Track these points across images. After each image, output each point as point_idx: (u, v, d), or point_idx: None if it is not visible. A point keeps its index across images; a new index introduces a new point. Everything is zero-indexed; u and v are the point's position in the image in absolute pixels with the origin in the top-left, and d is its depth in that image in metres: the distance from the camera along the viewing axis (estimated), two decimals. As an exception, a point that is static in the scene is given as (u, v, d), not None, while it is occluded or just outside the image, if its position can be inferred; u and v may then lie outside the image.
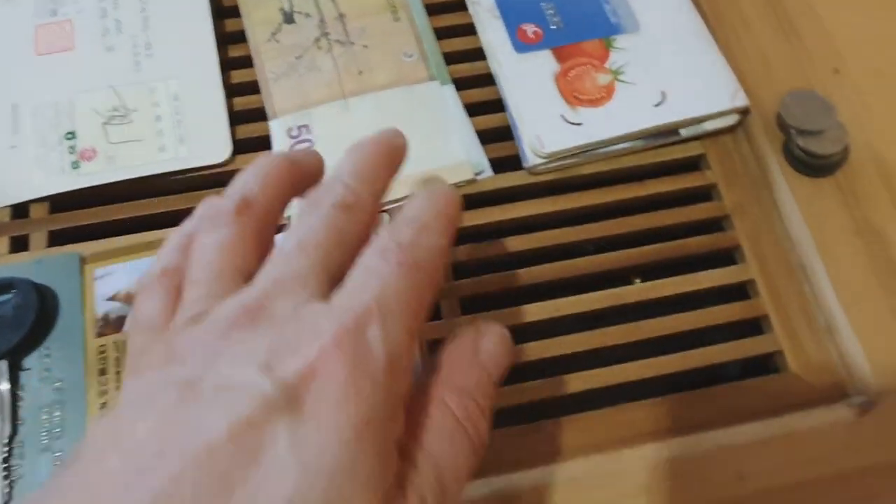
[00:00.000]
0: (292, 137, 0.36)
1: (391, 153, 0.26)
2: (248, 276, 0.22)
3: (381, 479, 0.18)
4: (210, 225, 0.23)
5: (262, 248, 0.23)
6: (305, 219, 0.23)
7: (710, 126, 0.37)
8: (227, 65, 0.39)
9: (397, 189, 0.33)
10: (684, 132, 0.37)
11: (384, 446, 0.19)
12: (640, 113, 0.36)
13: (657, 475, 0.30)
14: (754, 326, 0.34)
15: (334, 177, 0.25)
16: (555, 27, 0.38)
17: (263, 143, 0.37)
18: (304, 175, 0.25)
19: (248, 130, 0.37)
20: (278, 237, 0.24)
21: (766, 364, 0.34)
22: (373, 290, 0.20)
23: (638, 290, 0.34)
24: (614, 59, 0.38)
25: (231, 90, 0.38)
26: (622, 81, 0.37)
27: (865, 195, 0.35)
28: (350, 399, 0.18)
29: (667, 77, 0.37)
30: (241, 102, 0.38)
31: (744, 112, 0.37)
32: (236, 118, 0.37)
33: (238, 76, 0.39)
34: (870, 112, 0.37)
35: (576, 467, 0.30)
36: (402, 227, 0.22)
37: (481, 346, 0.23)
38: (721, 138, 0.38)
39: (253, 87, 0.38)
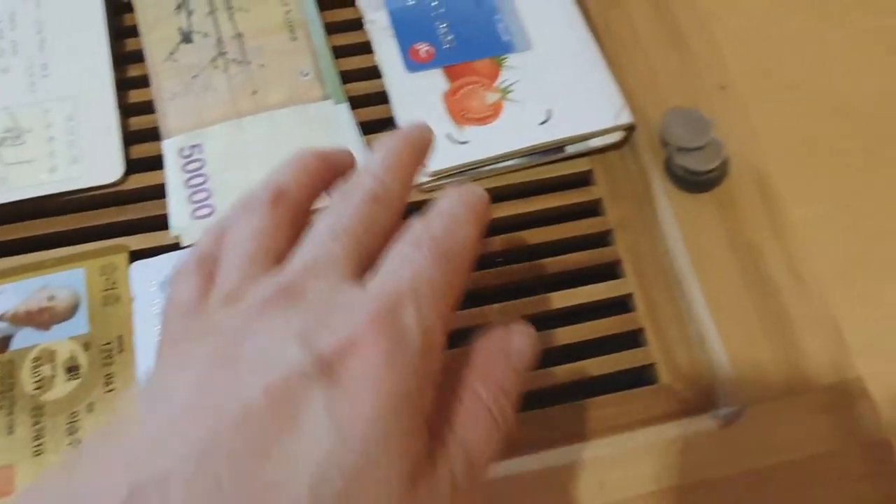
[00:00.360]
0: (184, 157, 0.37)
1: (419, 146, 0.27)
2: (280, 262, 0.23)
3: (411, 450, 0.19)
4: (244, 214, 0.24)
5: (295, 237, 0.24)
6: (337, 208, 0.24)
7: (595, 143, 0.38)
8: (125, 84, 0.40)
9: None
10: (569, 149, 0.38)
11: (415, 420, 0.20)
12: (525, 131, 0.37)
13: (520, 487, 0.31)
14: (630, 340, 0.35)
15: (364, 169, 0.26)
16: (447, 46, 0.39)
17: (157, 163, 0.38)
18: (334, 169, 0.27)
19: (143, 150, 0.38)
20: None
21: (641, 377, 0.35)
22: (406, 276, 0.21)
23: (519, 306, 0.35)
24: (504, 77, 0.39)
25: (128, 110, 0.39)
26: (510, 100, 0.38)
27: (743, 210, 0.37)
28: (385, 375, 0.19)
29: (553, 95, 0.38)
30: (137, 122, 0.39)
31: (629, 129, 0.38)
32: (131, 138, 0.38)
33: (135, 96, 0.40)
34: (752, 128, 0.39)
35: (445, 480, 0.31)
36: (435, 220, 0.24)
37: (512, 343, 0.24)
38: (608, 154, 0.39)
39: (150, 107, 0.39)
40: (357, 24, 0.42)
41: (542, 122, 0.38)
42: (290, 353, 0.19)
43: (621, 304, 0.36)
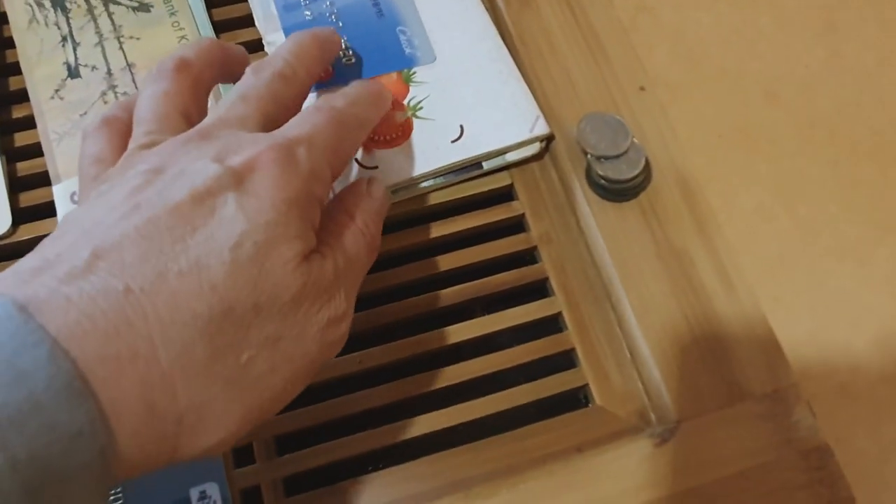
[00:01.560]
0: (76, 203, 0.36)
1: (326, 45, 0.33)
2: (190, 121, 0.28)
3: (303, 237, 0.25)
4: (151, 82, 0.29)
5: (201, 106, 0.30)
6: (248, 79, 0.29)
7: (512, 157, 0.38)
8: (9, 127, 0.38)
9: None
10: (487, 165, 0.38)
11: (304, 221, 0.25)
12: (437, 150, 0.37)
13: (454, 529, 0.31)
14: (563, 362, 0.35)
15: (275, 53, 0.31)
16: (346, 62, 0.38)
17: (48, 210, 0.36)
18: (232, 58, 0.32)
19: (32, 197, 0.37)
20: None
21: (574, 399, 0.35)
22: (305, 129, 0.27)
23: (440, 335, 0.35)
24: (414, 94, 0.38)
25: (14, 154, 0.38)
26: (420, 118, 0.38)
27: (668, 216, 0.37)
28: (280, 183, 0.25)
29: (465, 110, 0.38)
30: (25, 167, 0.38)
31: (547, 139, 0.38)
32: (19, 184, 0.37)
33: (21, 138, 0.38)
34: (673, 129, 0.39)
35: (373, 529, 0.31)
36: (338, 97, 0.31)
37: (371, 186, 0.31)
38: (528, 167, 0.39)
39: (37, 150, 0.38)
40: (258, 46, 0.41)
41: (455, 139, 0.37)
42: (208, 167, 0.24)
43: (553, 324, 0.36)
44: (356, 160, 0.36)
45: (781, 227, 0.37)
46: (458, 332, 0.35)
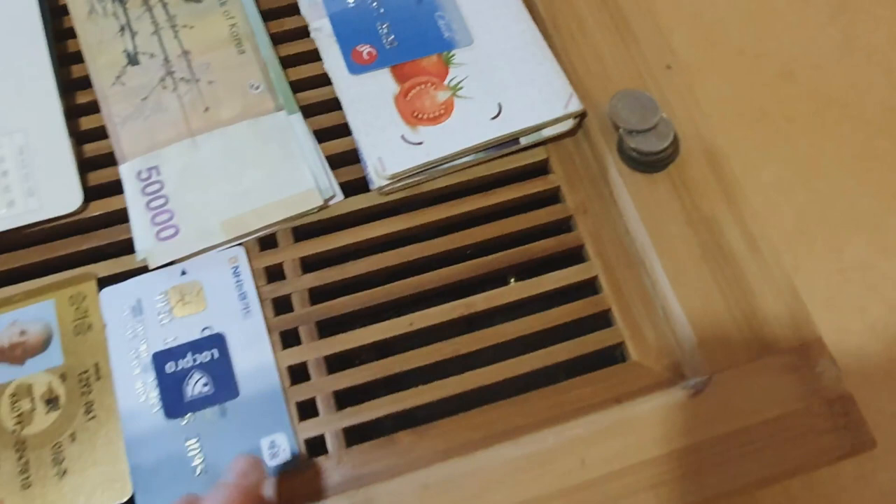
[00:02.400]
0: (142, 180, 0.39)
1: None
2: None
3: None
4: None
5: None
6: None
7: (548, 132, 0.40)
8: (74, 112, 0.41)
9: (250, 222, 0.37)
10: (524, 141, 0.40)
11: None
12: (478, 127, 0.40)
13: (506, 472, 0.33)
14: (600, 322, 0.38)
15: None
16: (389, 46, 0.41)
17: (115, 188, 0.39)
18: None
19: (100, 176, 0.40)
20: None
21: (612, 356, 0.38)
22: None
23: (485, 299, 0.38)
24: (454, 74, 0.41)
25: (80, 137, 0.41)
26: (460, 97, 0.40)
27: (696, 185, 0.40)
28: None
29: (502, 89, 0.40)
30: (91, 149, 0.40)
31: (580, 116, 0.41)
32: (87, 165, 0.40)
33: (86, 122, 0.41)
34: (699, 104, 0.42)
35: (430, 474, 0.34)
36: None
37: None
38: (563, 142, 0.42)
39: (102, 133, 0.41)
40: (304, 33, 0.44)
41: (494, 117, 0.40)
42: None
43: (589, 287, 0.39)
44: (402, 136, 0.39)
45: (799, 200, 0.40)
46: (502, 295, 0.38)
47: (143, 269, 0.38)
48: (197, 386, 0.35)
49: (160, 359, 0.35)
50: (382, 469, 0.34)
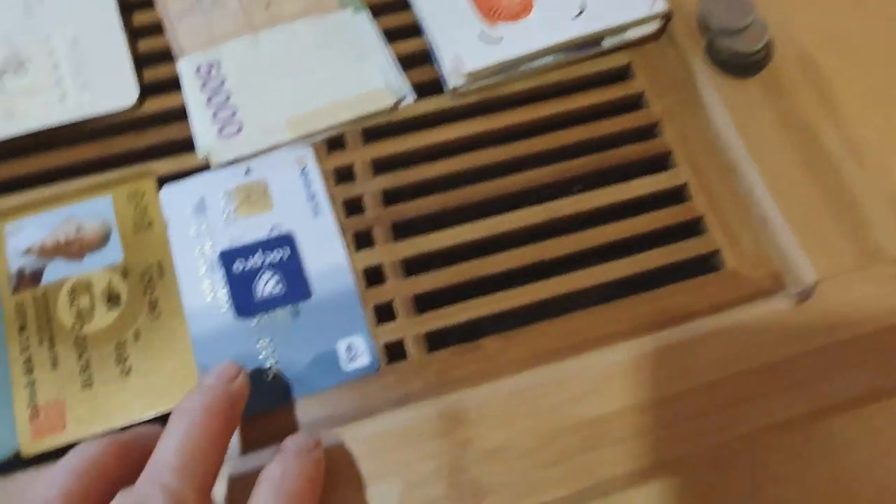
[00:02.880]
0: (202, 76, 0.37)
1: (231, 408, 0.27)
2: None
3: None
4: None
5: None
6: None
7: (632, 34, 0.38)
8: (128, 6, 0.39)
9: (317, 121, 0.35)
10: (606, 42, 0.38)
11: None
12: (559, 25, 0.37)
13: (601, 378, 0.31)
14: (690, 229, 0.36)
15: (153, 474, 0.24)
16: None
17: (172, 85, 0.37)
18: (135, 462, 0.25)
19: (156, 73, 0.38)
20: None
21: (706, 264, 0.35)
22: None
23: (573, 203, 0.35)
24: (532, -29, 0.39)
25: (135, 32, 0.38)
26: (542, -6, 0.38)
27: (790, 90, 0.37)
28: None
29: (585, -14, 0.38)
30: (147, 44, 0.38)
31: (666, 17, 0.39)
32: (142, 61, 0.38)
33: (141, 17, 0.39)
34: (791, 5, 0.39)
35: (521, 380, 0.32)
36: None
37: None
38: (646, 46, 0.39)
39: (157, 28, 0.39)
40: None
41: (577, 16, 0.38)
42: None
43: (677, 195, 0.37)
44: (480, 33, 0.37)
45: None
46: (588, 200, 0.36)
47: (204, 168, 0.35)
48: (268, 286, 0.33)
49: (227, 257, 0.33)
50: (468, 375, 0.32)
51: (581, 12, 0.38)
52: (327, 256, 0.34)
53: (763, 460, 0.33)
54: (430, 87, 0.38)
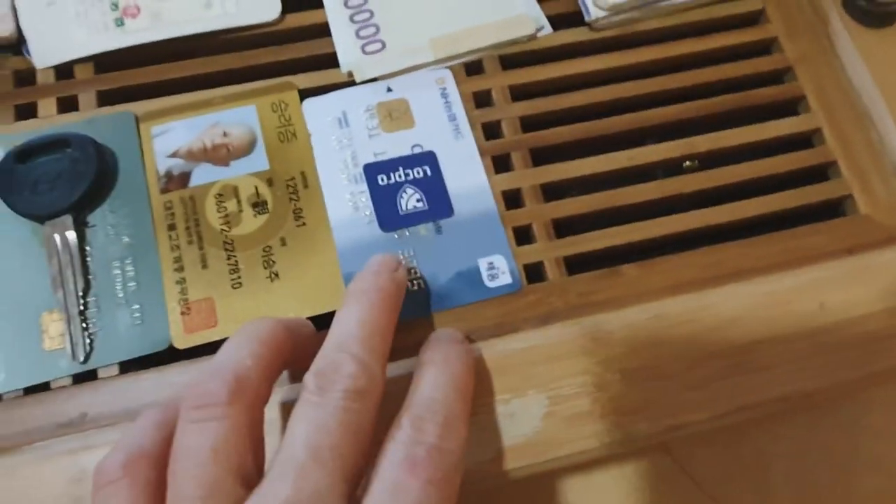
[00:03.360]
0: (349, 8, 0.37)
1: (398, 294, 0.27)
2: (248, 482, 0.21)
3: None
4: (198, 417, 0.21)
5: (258, 438, 0.22)
6: (314, 412, 0.22)
7: (770, -23, 0.38)
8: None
9: (459, 43, 0.35)
10: (744, -16, 0.38)
11: None
12: (702, -37, 0.37)
13: (741, 309, 0.32)
14: (822, 173, 0.36)
15: (340, 343, 0.24)
16: None
17: (313, 2, 0.37)
18: (298, 345, 0.25)
19: (296, -11, 0.38)
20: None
21: (837, 208, 0.36)
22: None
23: (707, 140, 0.36)
24: None
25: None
26: (681, -69, 0.38)
27: (927, 43, 0.38)
28: None
29: (727, -73, 0.38)
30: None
31: (803, -37, 0.39)
32: (279, -23, 0.38)
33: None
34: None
35: (662, 306, 0.32)
36: (426, 421, 0.23)
37: None
38: (780, -8, 0.39)
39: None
40: None
41: (717, -45, 0.38)
42: None
43: (809, 140, 0.37)
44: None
45: None
46: (724, 138, 0.36)
47: (345, 84, 0.36)
48: (411, 201, 0.33)
49: (371, 170, 0.34)
50: (608, 299, 0.32)
51: (721, -47, 0.38)
52: (468, 177, 0.34)
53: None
54: (564, 21, 0.38)
